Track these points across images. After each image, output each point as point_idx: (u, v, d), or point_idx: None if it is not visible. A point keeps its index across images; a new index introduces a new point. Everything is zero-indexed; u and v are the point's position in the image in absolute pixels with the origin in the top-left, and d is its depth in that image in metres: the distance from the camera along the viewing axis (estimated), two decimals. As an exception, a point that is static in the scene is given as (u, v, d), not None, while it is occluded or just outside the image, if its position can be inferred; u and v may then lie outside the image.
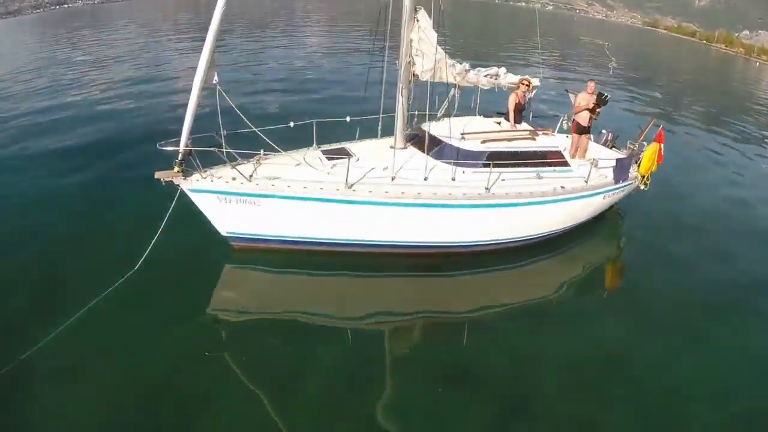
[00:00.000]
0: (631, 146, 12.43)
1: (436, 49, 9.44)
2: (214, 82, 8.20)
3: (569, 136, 12.19)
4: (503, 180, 9.38)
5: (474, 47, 36.89)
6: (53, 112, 18.61)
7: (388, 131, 10.68)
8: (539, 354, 8.10)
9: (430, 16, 9.43)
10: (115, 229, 10.27)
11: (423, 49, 9.58)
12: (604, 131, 13.21)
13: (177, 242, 8.91)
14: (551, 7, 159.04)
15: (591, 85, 11.71)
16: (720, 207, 14.69)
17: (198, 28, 53.98)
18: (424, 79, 9.90)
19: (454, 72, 10.09)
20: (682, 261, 11.32)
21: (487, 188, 9.18)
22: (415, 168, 9.28)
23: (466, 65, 10.40)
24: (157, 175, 8.34)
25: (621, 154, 12.07)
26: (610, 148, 12.69)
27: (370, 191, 8.72)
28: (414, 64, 9.71)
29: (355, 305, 9.07)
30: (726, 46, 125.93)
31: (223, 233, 9.26)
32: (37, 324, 7.56)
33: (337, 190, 8.62)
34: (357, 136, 10.75)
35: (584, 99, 11.56)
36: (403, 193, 8.82)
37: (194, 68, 8.16)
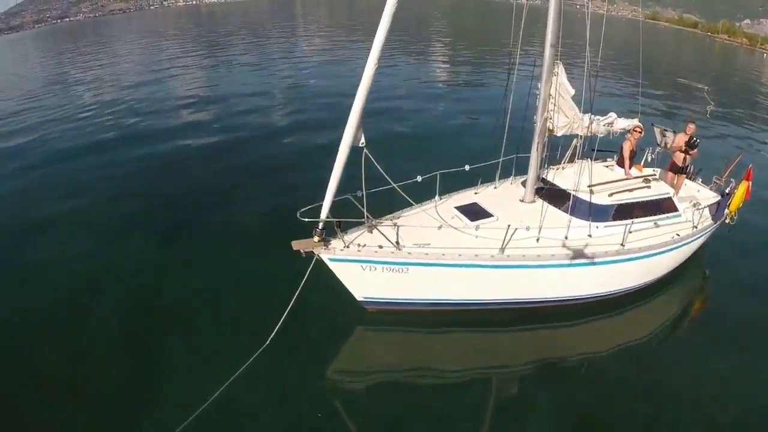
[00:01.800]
0: (717, 181, 12.60)
1: (581, 105, 9.57)
2: (360, 144, 8.01)
3: (655, 170, 12.43)
4: (630, 232, 9.64)
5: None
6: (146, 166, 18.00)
7: (504, 173, 11.13)
8: (658, 392, 8.55)
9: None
10: (243, 302, 10.16)
11: (560, 105, 9.69)
12: None
13: (306, 307, 8.70)
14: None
15: (691, 126, 11.67)
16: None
17: (214, 42, 53.97)
18: (559, 135, 10.02)
19: (583, 125, 10.19)
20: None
21: (622, 244, 9.45)
22: (554, 226, 9.41)
23: (591, 116, 10.50)
24: (296, 246, 8.04)
25: (706, 189, 12.40)
26: (692, 180, 12.87)
27: (524, 256, 8.83)
28: (551, 119, 9.80)
29: (490, 358, 9.33)
30: (729, 37, 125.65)
31: (359, 298, 9.15)
32: (173, 407, 7.57)
33: (492, 256, 8.69)
34: (479, 182, 11.02)
35: (681, 140, 11.67)
36: (553, 255, 9.01)
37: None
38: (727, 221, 11.92)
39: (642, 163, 12.41)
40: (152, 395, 8.08)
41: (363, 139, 7.97)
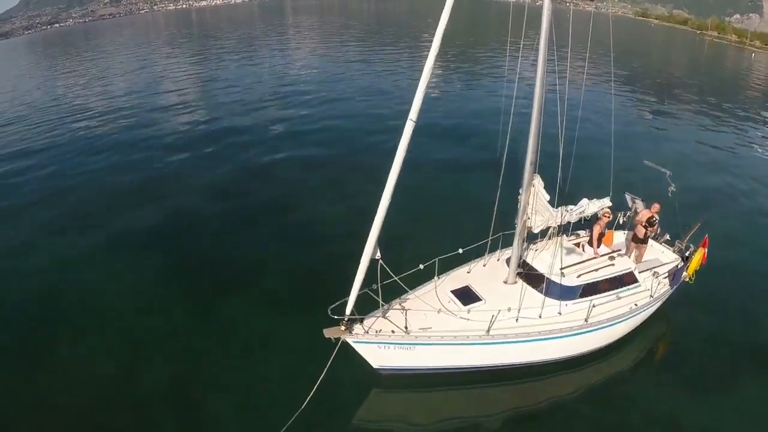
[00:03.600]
0: (679, 245, 13.58)
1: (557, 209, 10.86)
2: (377, 257, 9.53)
3: (626, 232, 13.52)
4: (594, 306, 10.95)
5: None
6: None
7: (493, 245, 12.29)
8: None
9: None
10: (279, 369, 11.42)
11: (537, 208, 10.69)
12: None
13: (332, 373, 9.89)
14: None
15: (656, 206, 12.69)
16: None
17: (212, 58, 53.52)
18: (536, 231, 11.13)
19: (557, 220, 11.21)
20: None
21: (586, 319, 10.85)
22: (531, 306, 10.80)
23: (564, 209, 11.49)
24: (327, 333, 9.69)
25: (669, 251, 13.48)
26: (656, 239, 13.74)
27: (505, 335, 10.30)
28: (529, 218, 10.81)
29: (482, 408, 10.89)
30: (719, 34, 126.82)
31: (376, 366, 10.66)
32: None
33: (480, 337, 10.19)
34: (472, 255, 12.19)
35: (644, 216, 12.65)
36: (528, 333, 10.49)
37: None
38: (686, 281, 13.02)
39: (614, 227, 13.47)
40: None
41: (378, 253, 9.56)
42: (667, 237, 13.83)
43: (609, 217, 12.20)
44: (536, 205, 10.74)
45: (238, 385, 10.95)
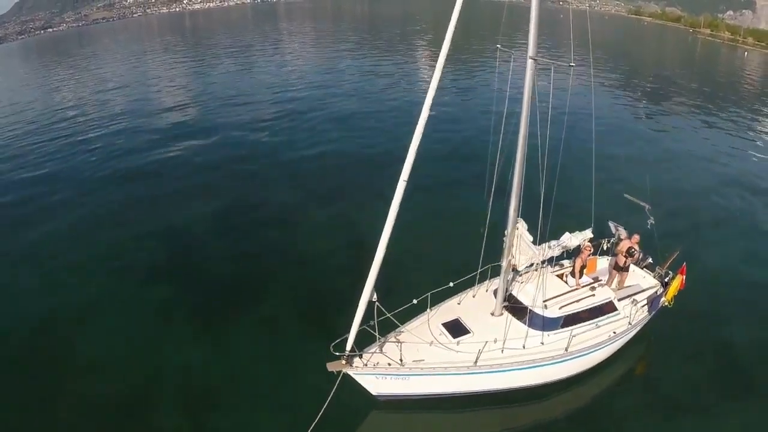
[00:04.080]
0: (659, 270, 14.16)
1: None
2: (374, 299, 10.43)
3: (609, 258, 14.02)
4: (574, 336, 11.62)
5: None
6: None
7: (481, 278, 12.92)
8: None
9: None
10: (284, 395, 12.18)
11: (521, 248, 11.25)
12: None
13: (334, 399, 10.66)
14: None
15: (636, 237, 13.34)
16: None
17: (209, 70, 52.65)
18: (521, 269, 11.67)
19: (540, 257, 11.86)
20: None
21: (566, 348, 11.51)
22: (515, 337, 11.48)
23: (546, 245, 12.16)
24: (330, 367, 10.59)
25: (650, 276, 14.08)
26: (638, 264, 14.29)
27: (490, 366, 11.01)
28: (514, 257, 11.35)
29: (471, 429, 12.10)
30: (712, 32, 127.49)
31: (374, 393, 11.38)
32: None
33: (468, 367, 10.92)
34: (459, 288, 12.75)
35: (625, 246, 13.21)
36: (512, 363, 11.19)
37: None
38: (665, 305, 13.57)
39: (598, 253, 14.03)
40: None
41: (375, 296, 10.40)
42: (650, 260, 14.40)
43: (590, 250, 12.79)
44: (520, 247, 11.26)
45: (246, 411, 11.68)
